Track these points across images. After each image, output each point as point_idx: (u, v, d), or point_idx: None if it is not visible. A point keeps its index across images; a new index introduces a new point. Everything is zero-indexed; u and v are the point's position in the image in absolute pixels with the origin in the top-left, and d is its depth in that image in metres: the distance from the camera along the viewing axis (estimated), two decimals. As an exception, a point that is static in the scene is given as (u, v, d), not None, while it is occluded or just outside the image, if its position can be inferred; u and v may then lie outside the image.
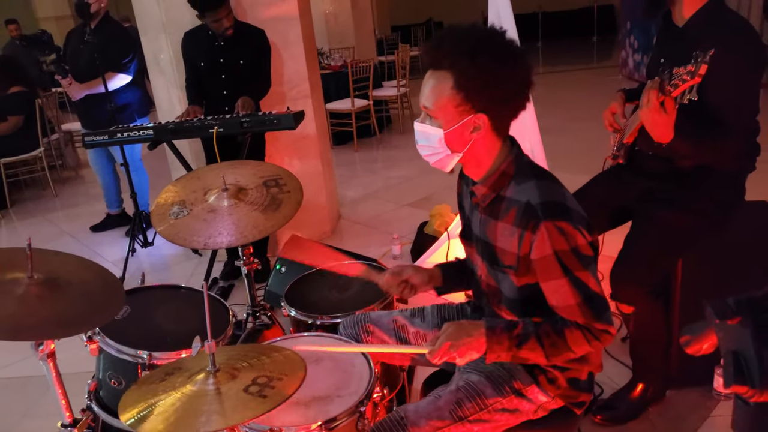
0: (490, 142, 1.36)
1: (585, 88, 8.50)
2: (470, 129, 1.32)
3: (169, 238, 1.90)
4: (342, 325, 1.74)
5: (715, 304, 0.71)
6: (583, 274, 1.29)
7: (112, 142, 3.07)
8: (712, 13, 1.84)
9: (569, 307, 1.31)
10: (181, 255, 4.05)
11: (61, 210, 5.46)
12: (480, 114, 1.30)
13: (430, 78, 1.33)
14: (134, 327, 1.71)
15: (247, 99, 3.12)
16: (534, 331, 1.33)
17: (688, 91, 1.59)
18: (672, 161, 1.95)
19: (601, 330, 1.31)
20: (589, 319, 1.30)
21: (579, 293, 1.29)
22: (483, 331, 1.33)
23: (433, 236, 3.47)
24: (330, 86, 6.37)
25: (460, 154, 1.36)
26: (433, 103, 1.33)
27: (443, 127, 1.33)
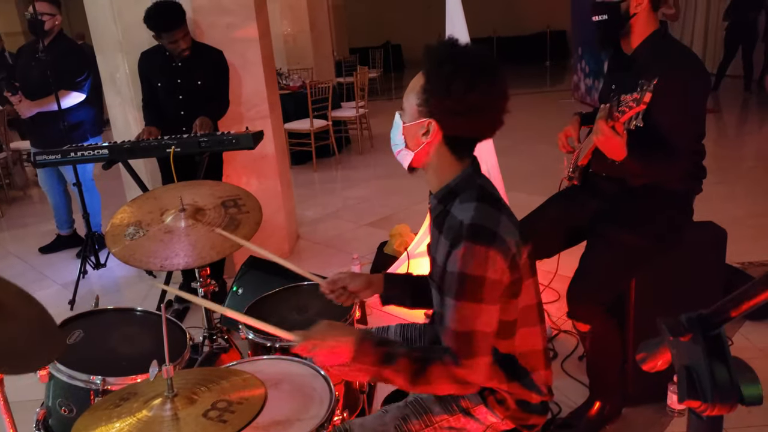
0: (443, 154, 1.38)
1: (539, 110, 8.74)
2: (422, 130, 1.36)
3: (124, 259, 1.86)
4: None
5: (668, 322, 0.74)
6: (474, 306, 1.25)
7: (64, 162, 2.98)
8: (657, 43, 1.96)
9: (447, 329, 1.29)
10: (135, 276, 3.95)
11: (7, 230, 5.25)
12: (431, 119, 1.34)
13: (416, 76, 1.38)
14: (87, 351, 1.65)
15: (205, 119, 3.09)
16: (405, 354, 1.29)
17: (634, 118, 1.68)
18: (624, 182, 2.03)
19: (463, 374, 1.26)
20: (456, 355, 1.26)
21: (459, 322, 1.26)
22: (352, 339, 1.30)
23: (393, 256, 3.49)
24: (289, 106, 6.37)
25: (412, 153, 1.40)
26: (405, 97, 1.40)
27: (404, 121, 1.40)
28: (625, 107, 1.67)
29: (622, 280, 2.11)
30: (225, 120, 3.39)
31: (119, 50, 3.47)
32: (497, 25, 14.21)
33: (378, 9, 15.44)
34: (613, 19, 1.96)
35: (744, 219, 3.96)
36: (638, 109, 1.64)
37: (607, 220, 2.06)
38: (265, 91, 3.72)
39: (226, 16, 3.47)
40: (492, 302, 1.27)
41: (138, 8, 3.05)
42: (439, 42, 1.37)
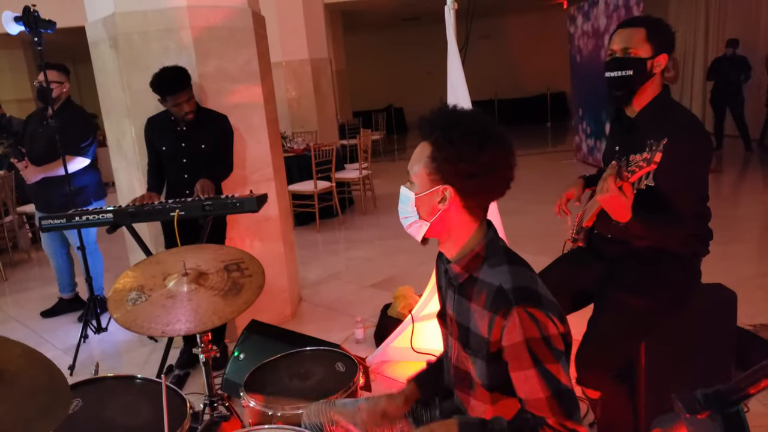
0: (461, 219, 1.38)
1: (542, 171, 8.83)
2: (438, 199, 1.36)
3: (125, 325, 1.83)
4: (306, 413, 1.67)
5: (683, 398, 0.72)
6: (553, 366, 1.26)
7: (70, 226, 3.00)
8: (659, 107, 1.98)
9: (538, 400, 1.26)
10: (135, 341, 3.89)
11: (9, 295, 5.22)
12: (447, 185, 1.34)
13: (419, 147, 1.39)
14: (85, 422, 1.60)
15: (206, 182, 3.12)
16: (508, 427, 1.28)
17: (644, 177, 1.67)
18: (629, 244, 2.01)
19: (572, 430, 1.25)
20: (559, 417, 1.25)
21: (548, 387, 1.25)
22: (455, 426, 1.28)
23: (397, 319, 3.44)
24: (293, 168, 6.46)
25: (427, 223, 1.39)
26: (413, 168, 1.39)
27: (416, 192, 1.39)
28: (635, 167, 1.66)
29: (630, 346, 2.07)
30: (229, 183, 3.43)
31: (126, 116, 3.55)
32: (498, 88, 14.59)
33: (381, 74, 15.92)
34: (637, 76, 1.94)
35: (754, 279, 3.92)
36: (649, 168, 1.64)
37: (613, 284, 2.04)
38: (269, 154, 3.78)
39: (231, 82, 3.57)
40: (563, 356, 1.27)
41: (146, 76, 3.14)
42: (439, 109, 1.39)
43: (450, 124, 1.33)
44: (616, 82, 1.98)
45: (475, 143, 1.30)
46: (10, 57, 11.07)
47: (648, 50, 1.92)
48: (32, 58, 11.26)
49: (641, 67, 1.93)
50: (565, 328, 1.31)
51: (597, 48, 7.84)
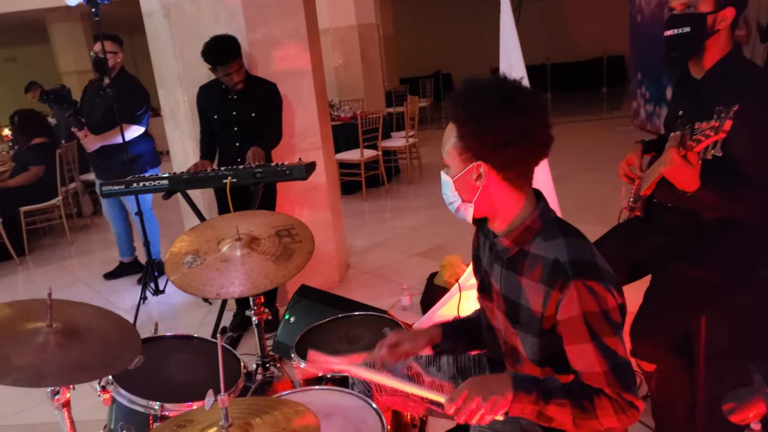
0: (504, 193, 1.35)
1: (596, 138, 8.58)
2: (474, 177, 1.33)
3: (182, 287, 1.91)
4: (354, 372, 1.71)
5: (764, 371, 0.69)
6: (611, 340, 1.24)
7: (128, 192, 3.12)
8: (731, 65, 1.82)
9: (595, 374, 1.25)
10: (191, 303, 4.05)
11: (75, 257, 5.51)
12: (479, 162, 1.31)
13: (447, 129, 1.37)
14: (146, 377, 1.70)
15: (257, 149, 3.18)
16: (563, 387, 1.27)
17: (711, 147, 1.55)
18: (693, 214, 1.91)
19: (629, 402, 1.24)
20: (617, 389, 1.23)
21: (606, 360, 1.23)
22: (509, 380, 1.26)
23: (443, 287, 3.46)
24: (339, 137, 6.48)
25: (471, 204, 1.37)
26: (445, 152, 1.37)
27: (452, 175, 1.37)
28: (701, 136, 1.56)
29: (690, 319, 1.99)
30: (278, 151, 3.49)
31: (179, 85, 3.64)
32: (551, 52, 14.09)
33: (429, 39, 15.60)
34: (696, 34, 1.80)
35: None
36: (717, 137, 1.52)
37: (674, 255, 1.95)
38: (317, 122, 3.81)
39: (280, 49, 3.59)
40: (621, 329, 1.26)
41: (198, 44, 3.19)
42: (458, 87, 1.36)
43: (470, 99, 1.30)
44: (672, 41, 1.84)
45: (498, 112, 1.26)
46: (70, 30, 11.40)
47: (710, 4, 1.77)
48: (90, 30, 11.58)
49: (700, 24, 1.78)
50: (622, 299, 1.28)
51: (660, 6, 7.46)
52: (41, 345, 1.20)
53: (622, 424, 1.26)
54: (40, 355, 1.18)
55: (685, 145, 1.61)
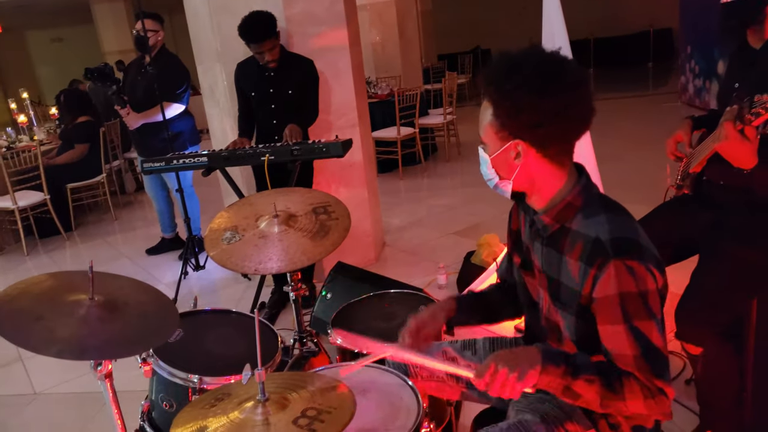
0: (545, 170, 1.31)
1: (640, 115, 8.32)
2: (512, 156, 1.30)
3: (221, 262, 1.93)
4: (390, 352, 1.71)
5: None
6: (645, 324, 1.19)
7: (168, 169, 3.17)
8: None
9: (624, 356, 1.21)
10: (231, 279, 4.13)
11: (119, 233, 5.67)
12: (517, 140, 1.27)
13: (482, 106, 1.33)
14: (186, 350, 1.73)
15: (295, 127, 3.18)
16: (593, 364, 1.24)
17: None
18: (746, 192, 1.82)
19: (658, 389, 1.19)
20: (647, 375, 1.20)
21: (638, 344, 1.19)
22: (538, 352, 1.23)
23: (480, 266, 3.42)
24: (376, 114, 6.45)
25: (509, 181, 1.33)
26: (481, 130, 1.34)
27: (489, 153, 1.34)
28: (761, 108, 1.49)
29: (740, 301, 1.91)
30: (315, 128, 3.48)
31: (217, 61, 3.65)
32: (595, 26, 13.63)
33: (468, 13, 15.30)
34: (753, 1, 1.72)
35: None
36: None
37: (725, 234, 1.87)
38: (354, 99, 3.78)
39: (317, 25, 3.56)
40: (659, 313, 1.21)
41: (235, 20, 3.18)
42: (489, 64, 1.30)
43: (502, 76, 1.24)
44: (729, 8, 1.75)
45: (532, 90, 1.21)
46: (113, 10, 11.61)
47: None
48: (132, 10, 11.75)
49: None
50: (664, 280, 1.24)
51: (714, -26, 7.12)
52: (83, 317, 1.23)
53: (650, 410, 1.22)
54: (82, 328, 1.20)
55: (742, 119, 1.53)
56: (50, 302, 1.25)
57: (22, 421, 2.78)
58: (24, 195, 5.19)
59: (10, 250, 5.41)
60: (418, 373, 1.66)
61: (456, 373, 1.46)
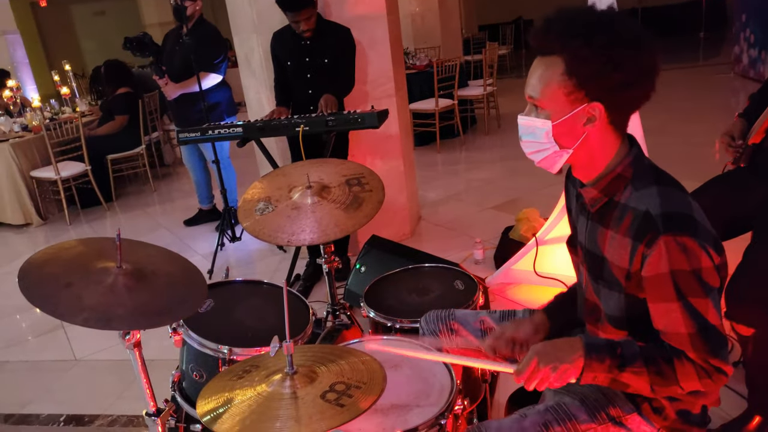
0: (605, 138, 1.21)
1: (690, 87, 7.95)
2: (583, 120, 1.18)
3: (254, 233, 1.91)
4: (424, 319, 1.66)
5: None
6: (701, 301, 1.12)
7: (203, 139, 3.16)
8: None
9: (679, 335, 1.14)
10: (266, 251, 4.14)
11: (158, 204, 5.75)
12: (595, 103, 1.15)
13: (537, 65, 1.19)
14: (216, 321, 1.72)
15: (330, 97, 3.13)
16: (640, 354, 1.17)
17: None
18: None
19: (716, 368, 1.13)
20: (703, 354, 1.13)
21: (693, 322, 1.12)
22: (581, 346, 1.18)
23: (519, 242, 3.33)
24: (414, 86, 6.32)
25: (569, 151, 1.21)
26: (541, 92, 1.19)
27: (551, 119, 1.19)
28: None
29: None
30: (350, 99, 3.41)
31: (254, 31, 3.60)
32: (643, -5, 13.06)
33: (511, -17, 14.84)
34: None
35: None
36: None
37: None
38: (391, 69, 3.69)
39: (355, -7, 3.47)
40: (715, 291, 1.13)
41: (272, -10, 3.12)
42: (552, 19, 1.16)
43: (590, 29, 1.11)
44: None
45: (628, 46, 1.11)
46: (152, -19, 11.69)
47: None
48: (171, -19, 11.80)
49: None
50: (721, 258, 1.14)
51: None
52: (110, 286, 1.21)
53: (706, 387, 1.16)
54: (109, 297, 1.19)
55: None
56: (79, 269, 1.23)
57: (65, 385, 2.86)
58: (66, 166, 5.31)
59: (54, 219, 5.56)
60: (452, 340, 1.61)
61: (495, 369, 1.41)
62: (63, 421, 2.57)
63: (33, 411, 2.66)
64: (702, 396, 1.26)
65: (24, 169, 5.31)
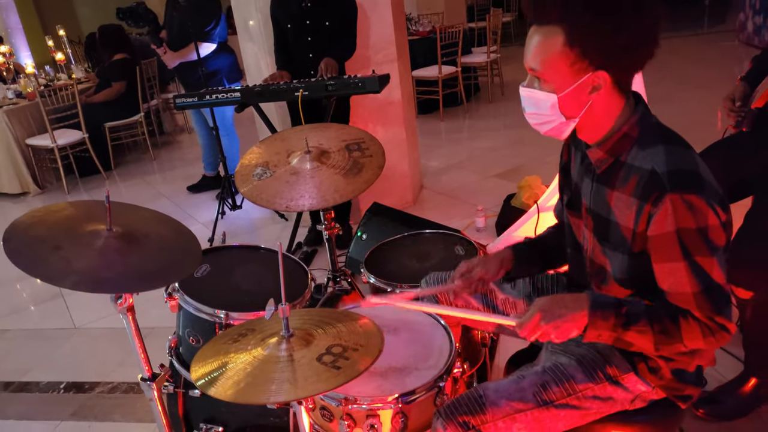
0: (610, 101, 1.17)
1: (693, 55, 7.80)
2: (588, 89, 1.14)
3: (252, 199, 1.88)
4: (425, 280, 1.65)
5: None
6: (706, 260, 1.10)
7: (201, 104, 3.11)
8: None
9: (684, 294, 1.13)
10: (268, 218, 4.11)
11: (158, 173, 5.71)
12: (599, 71, 1.11)
13: (534, 34, 1.14)
14: (213, 286, 1.70)
15: (331, 60, 3.06)
16: (645, 312, 1.15)
17: None
18: None
19: (720, 325, 1.12)
20: (707, 312, 1.12)
21: (698, 281, 1.10)
22: (586, 304, 1.16)
23: (520, 209, 3.30)
24: (417, 53, 6.19)
25: (576, 120, 1.18)
26: (541, 63, 1.14)
27: (556, 92, 1.15)
28: None
29: None
30: (351, 63, 3.34)
31: (253, -5, 3.51)
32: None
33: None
34: None
35: None
36: None
37: None
38: (393, 33, 3.61)
39: (355, -45, 3.37)
40: (721, 249, 1.11)
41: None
42: None
43: None
44: None
45: (631, 7, 1.06)
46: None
47: None
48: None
49: None
50: (728, 216, 1.12)
51: None
52: (100, 249, 1.18)
53: (710, 345, 1.15)
54: (99, 260, 1.16)
55: None
56: (68, 232, 1.20)
57: (64, 354, 2.87)
58: (63, 133, 5.24)
59: (52, 188, 5.52)
60: (452, 302, 1.60)
61: (497, 322, 1.39)
62: (63, 388, 2.57)
63: (33, 379, 2.66)
64: (698, 355, 1.26)
65: (19, 137, 5.25)
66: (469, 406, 1.26)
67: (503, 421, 1.25)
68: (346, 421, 1.28)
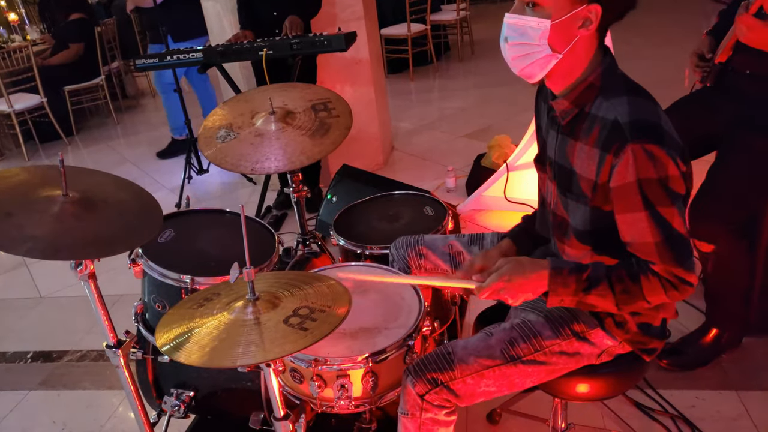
0: (589, 45, 1.16)
1: (659, 11, 7.80)
2: (579, 23, 1.12)
3: (216, 162, 1.83)
4: (394, 245, 1.65)
5: None
6: (667, 210, 1.11)
7: (162, 66, 3.00)
8: None
9: (645, 245, 1.14)
10: (236, 183, 4.05)
11: (122, 137, 5.55)
12: (594, 4, 1.10)
13: None
14: (178, 251, 1.66)
15: (295, 18, 2.97)
16: (605, 275, 1.17)
17: None
18: None
19: (681, 279, 1.13)
20: (668, 264, 1.13)
21: (659, 231, 1.11)
22: (546, 272, 1.18)
23: (490, 169, 3.30)
24: (385, 10, 6.06)
25: (559, 56, 1.15)
26: None
27: (551, 17, 1.11)
28: None
29: (758, 198, 1.84)
30: (317, 21, 3.25)
31: (212, -51, 3.37)
32: None
33: None
34: None
35: None
36: None
37: (750, 127, 1.75)
38: (359, -11, 3.51)
39: None
40: (681, 199, 1.12)
41: None
42: None
43: None
44: None
45: None
46: None
47: None
48: None
49: None
50: (688, 167, 1.13)
51: None
52: (56, 215, 1.13)
53: (673, 299, 1.18)
54: (56, 226, 1.11)
55: None
56: (21, 198, 1.15)
57: (30, 323, 2.81)
58: (19, 98, 5.03)
59: (11, 155, 5.34)
60: (421, 265, 1.60)
61: (458, 287, 1.39)
62: (30, 357, 2.54)
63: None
64: (662, 309, 1.28)
65: (-27, 102, 5.04)
66: (437, 363, 1.27)
67: (472, 378, 1.26)
68: (317, 382, 1.28)
